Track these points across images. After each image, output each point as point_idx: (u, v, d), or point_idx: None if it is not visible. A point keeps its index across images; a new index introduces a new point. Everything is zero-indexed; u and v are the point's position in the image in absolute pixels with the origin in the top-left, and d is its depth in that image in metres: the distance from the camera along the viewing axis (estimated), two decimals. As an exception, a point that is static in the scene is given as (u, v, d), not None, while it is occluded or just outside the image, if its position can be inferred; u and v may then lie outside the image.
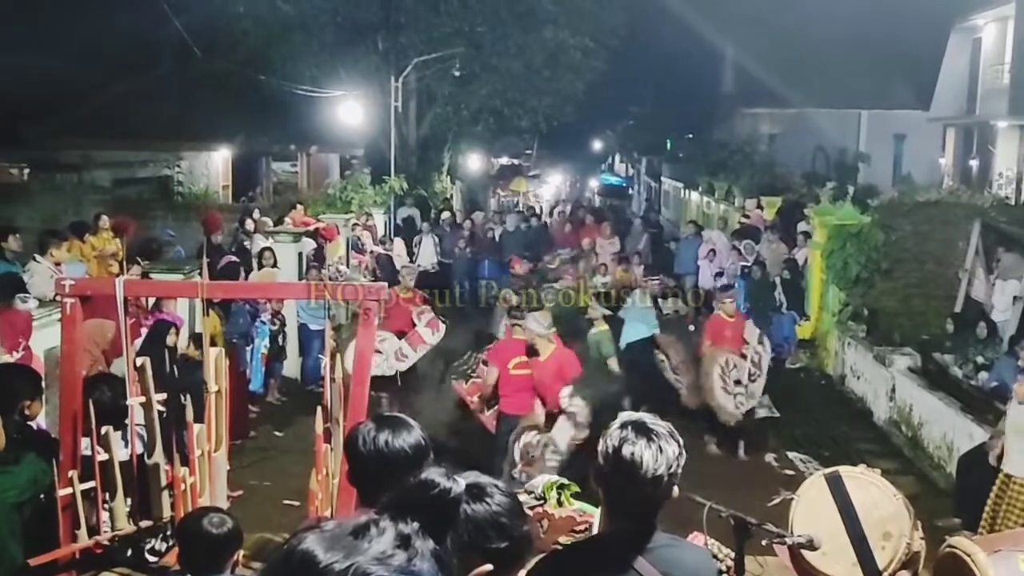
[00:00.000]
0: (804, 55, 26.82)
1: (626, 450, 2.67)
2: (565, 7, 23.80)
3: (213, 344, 7.55)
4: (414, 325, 10.94)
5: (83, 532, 4.30)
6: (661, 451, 2.67)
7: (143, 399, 4.34)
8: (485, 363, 9.08)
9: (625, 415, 2.95)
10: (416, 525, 1.70)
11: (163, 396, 4.49)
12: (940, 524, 8.36)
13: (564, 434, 7.83)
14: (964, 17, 26.10)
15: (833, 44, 26.92)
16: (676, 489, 2.81)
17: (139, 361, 4.36)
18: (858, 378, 12.99)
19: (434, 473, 1.90)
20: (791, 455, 10.57)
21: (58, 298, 4.25)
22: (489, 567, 1.87)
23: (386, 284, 4.61)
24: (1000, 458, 7.83)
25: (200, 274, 11.03)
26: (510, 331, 9.10)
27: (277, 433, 10.87)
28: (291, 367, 12.72)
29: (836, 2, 26.65)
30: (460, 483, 1.89)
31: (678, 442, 2.75)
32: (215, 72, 20.54)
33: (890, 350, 12.05)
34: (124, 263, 8.93)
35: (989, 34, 25.58)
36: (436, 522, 1.79)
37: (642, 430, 2.71)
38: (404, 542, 1.65)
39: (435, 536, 1.75)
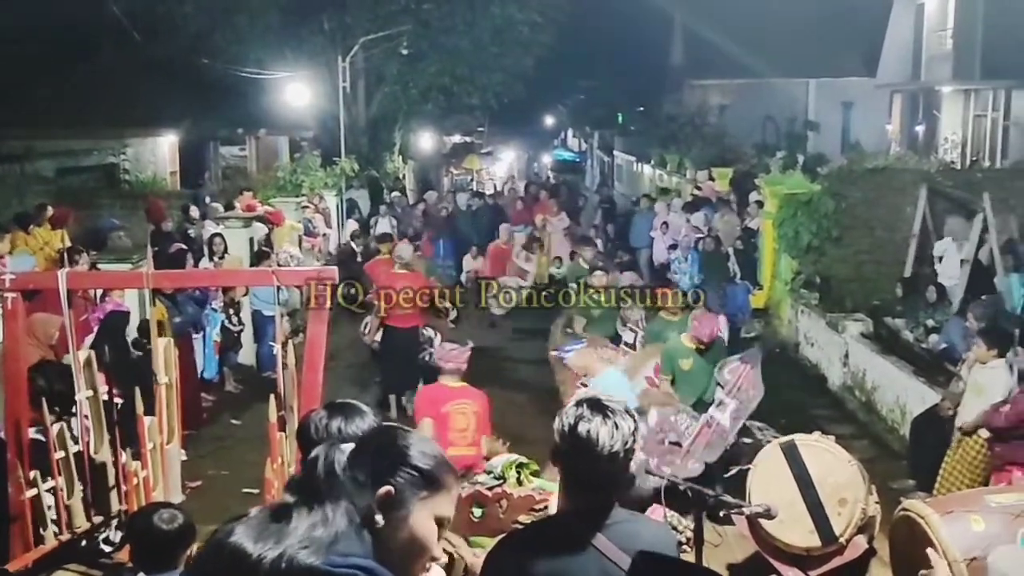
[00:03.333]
0: (752, 25, 26.92)
1: (582, 427, 2.68)
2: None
3: (161, 334, 7.46)
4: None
5: (48, 532, 4.22)
6: (617, 427, 2.69)
7: (91, 393, 4.25)
8: None
9: (581, 392, 2.94)
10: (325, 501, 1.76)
11: (105, 388, 4.38)
12: (895, 486, 8.50)
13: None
14: (907, -17, 26.35)
15: (780, 14, 27.09)
16: (633, 465, 2.81)
17: (83, 355, 4.26)
18: (812, 345, 13.14)
19: (317, 451, 1.91)
20: (748, 423, 10.65)
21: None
22: (389, 488, 1.84)
23: (336, 268, 4.52)
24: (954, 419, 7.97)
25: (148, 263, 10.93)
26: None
27: (234, 421, 10.75)
28: (248, 354, 12.58)
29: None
30: (342, 451, 1.90)
31: (634, 418, 2.76)
32: (158, 57, 20.15)
33: (842, 316, 12.21)
34: (68, 254, 8.74)
35: (932, 0, 25.85)
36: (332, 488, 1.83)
37: (597, 407, 2.72)
38: (323, 517, 1.72)
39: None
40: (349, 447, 1.91)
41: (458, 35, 23.73)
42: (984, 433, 7.56)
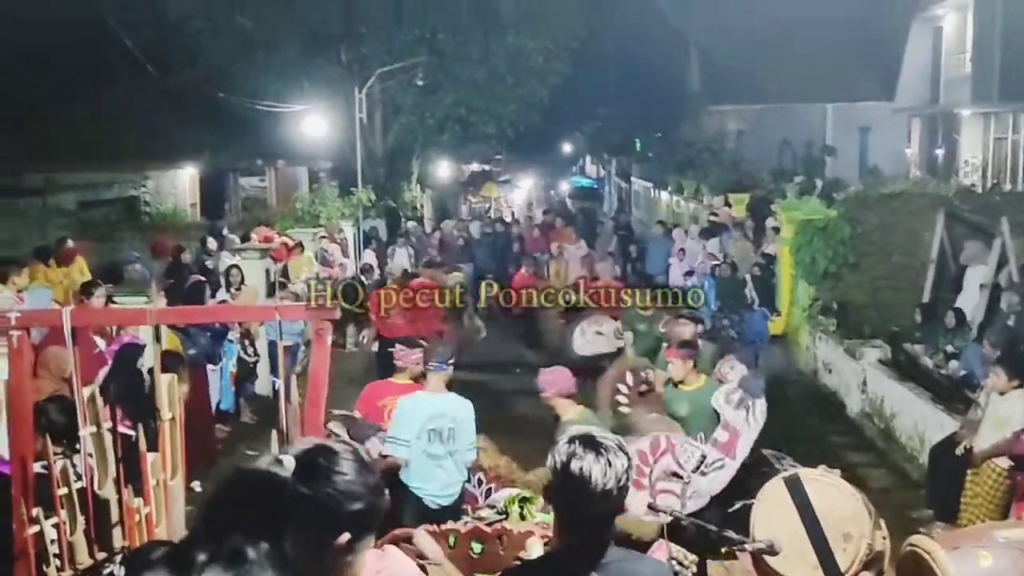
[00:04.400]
0: (769, 51, 26.96)
1: (574, 465, 2.66)
2: (525, 12, 23.81)
3: (175, 365, 7.48)
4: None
5: (51, 569, 4.23)
6: (610, 465, 2.66)
7: (94, 429, 4.26)
8: None
9: (573, 428, 2.92)
10: (239, 539, 1.59)
11: (110, 424, 4.39)
12: (914, 516, 8.40)
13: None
14: (924, 7, 26.31)
15: (797, 39, 27.09)
16: (628, 502, 2.78)
17: (88, 391, 4.28)
18: (830, 372, 13.03)
19: (258, 462, 1.85)
20: (765, 451, 10.56)
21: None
22: (347, 536, 1.81)
23: (338, 305, 4.53)
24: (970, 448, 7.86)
25: (165, 297, 11.01)
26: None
27: (249, 452, 10.74)
28: (264, 384, 12.63)
29: (798, -1, 26.81)
30: (287, 462, 1.84)
31: (627, 455, 2.73)
32: (177, 90, 20.42)
33: (860, 343, 12.11)
34: (83, 288, 8.83)
35: (950, 23, 25.81)
36: (267, 514, 1.72)
37: (590, 444, 2.70)
38: (234, 561, 1.55)
39: (271, 529, 1.67)
40: (291, 463, 1.83)
41: (473, 65, 23.88)
42: (1004, 463, 7.46)
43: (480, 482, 6.56)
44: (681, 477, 5.76)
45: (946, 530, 6.85)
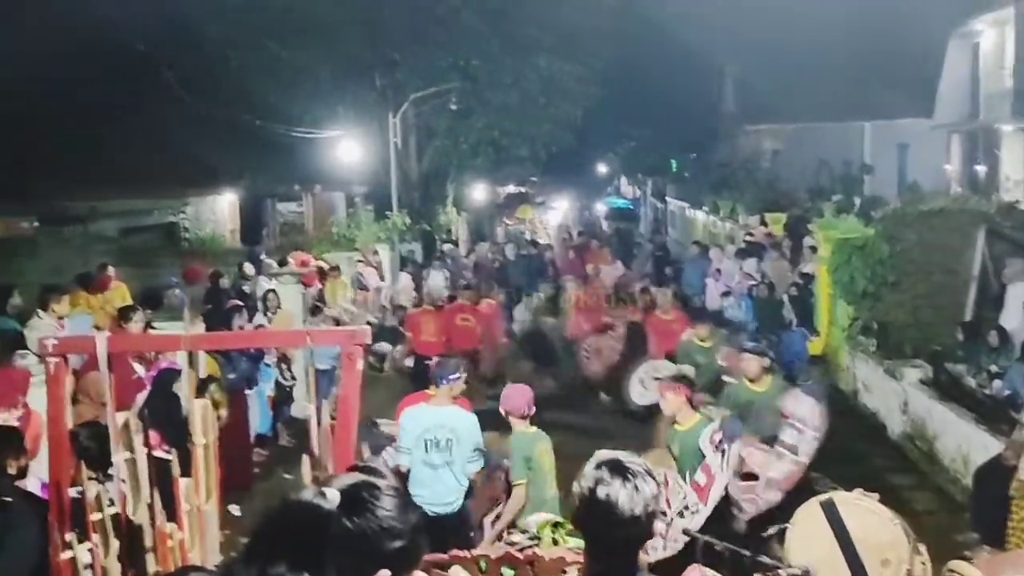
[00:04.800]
0: (804, 69, 26.82)
1: (601, 491, 2.62)
2: (558, 35, 23.92)
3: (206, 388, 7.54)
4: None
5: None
6: (637, 490, 2.62)
7: (128, 455, 4.30)
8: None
9: (600, 453, 2.90)
10: (283, 568, 1.64)
11: (145, 450, 4.43)
12: (959, 539, 8.22)
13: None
14: (962, 22, 26.04)
15: (832, 57, 26.90)
16: (657, 527, 2.75)
17: (121, 417, 4.33)
18: (870, 392, 12.84)
19: (301, 494, 1.84)
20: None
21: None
22: (386, 573, 1.80)
23: (369, 328, 4.54)
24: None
25: (204, 322, 11.11)
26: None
27: (287, 476, 10.79)
28: (302, 408, 12.67)
29: (834, 15, 26.63)
30: (331, 496, 1.83)
31: (656, 480, 2.69)
32: (215, 118, 20.73)
33: (901, 363, 11.92)
34: (121, 313, 8.94)
35: (988, 38, 25.51)
36: (311, 545, 1.74)
37: (617, 469, 2.66)
38: None
39: (313, 561, 1.71)
40: (335, 497, 1.82)
41: (506, 89, 24.02)
42: (1049, 484, 7.28)
43: None
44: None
45: (992, 555, 6.70)
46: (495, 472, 6.70)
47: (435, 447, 6.36)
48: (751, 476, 6.37)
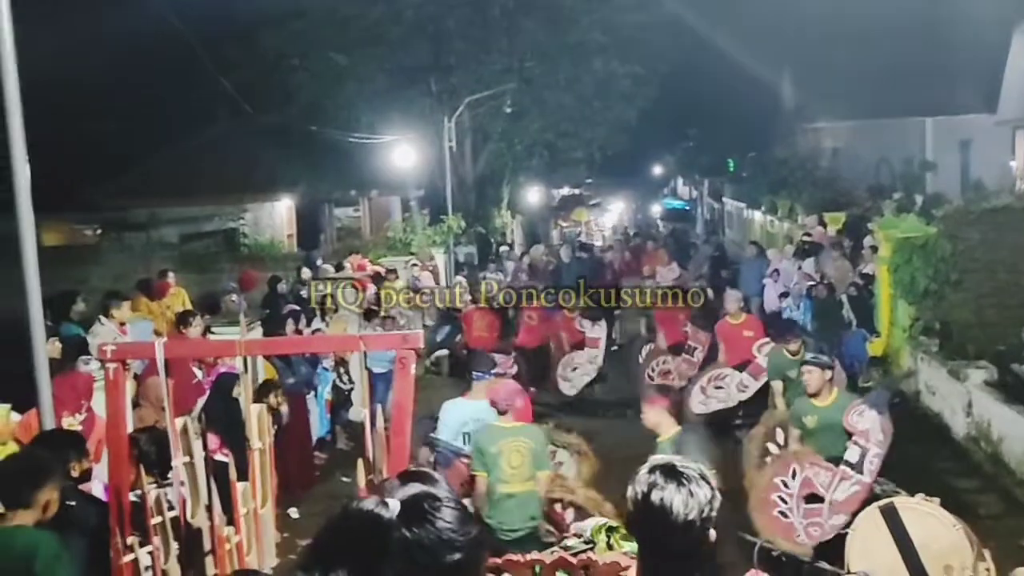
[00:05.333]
0: (863, 65, 26.30)
1: (655, 496, 2.60)
2: (613, 37, 23.83)
3: (268, 393, 7.65)
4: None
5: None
6: (692, 495, 2.59)
7: (187, 459, 4.37)
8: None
9: (654, 458, 2.87)
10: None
11: (202, 453, 4.50)
12: (1026, 544, 8.02)
13: None
14: (1026, 16, 25.39)
15: (892, 51, 26.36)
16: (713, 533, 2.71)
17: (180, 422, 4.40)
18: (933, 394, 12.57)
19: (362, 502, 1.82)
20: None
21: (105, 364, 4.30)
22: None
23: (421, 333, 4.56)
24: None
25: (262, 327, 11.27)
26: None
27: (344, 479, 10.87)
28: (359, 412, 12.78)
29: (893, 8, 26.14)
30: (392, 505, 1.81)
31: (710, 484, 2.66)
32: (273, 125, 21.01)
33: (964, 364, 11.65)
34: (180, 318, 9.11)
35: (1053, 31, 24.84)
36: (369, 555, 1.73)
37: (671, 474, 2.63)
38: None
39: (370, 571, 1.70)
40: (396, 507, 1.81)
41: (560, 91, 24.00)
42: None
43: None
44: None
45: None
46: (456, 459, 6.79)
47: (469, 440, 6.61)
48: (815, 498, 6.16)
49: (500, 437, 6.38)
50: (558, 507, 6.75)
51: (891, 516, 3.79)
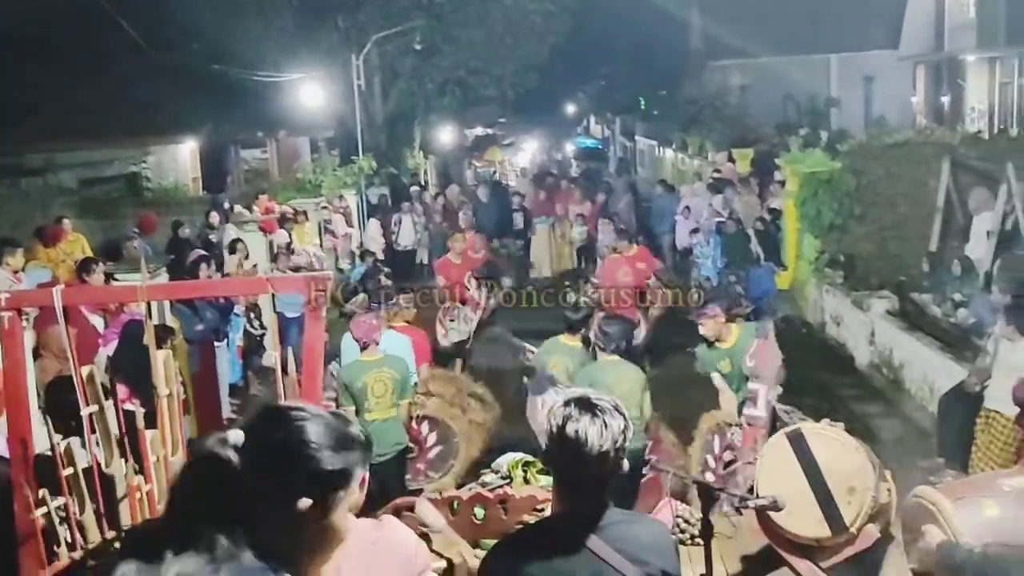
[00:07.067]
0: (770, 3, 26.59)
1: (570, 427, 2.62)
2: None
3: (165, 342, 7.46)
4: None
5: (62, 550, 4.22)
6: (606, 426, 2.62)
7: (96, 408, 4.24)
8: None
9: (571, 391, 2.88)
10: (205, 523, 1.68)
11: (109, 403, 4.38)
12: (925, 465, 8.36)
13: None
14: (927, -47, 25.90)
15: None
16: (625, 463, 2.74)
17: (86, 370, 4.26)
18: (838, 324, 12.98)
19: (204, 442, 1.85)
20: (775, 406, 10.54)
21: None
22: (308, 502, 1.78)
23: (331, 274, 4.48)
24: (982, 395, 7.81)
25: (168, 273, 10.99)
26: None
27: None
28: (272, 357, 12.61)
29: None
30: (232, 437, 1.82)
31: (624, 416, 2.69)
32: (174, 65, 20.27)
33: (868, 294, 12.04)
34: (81, 265, 8.82)
35: (952, -32, 25.40)
36: (221, 493, 1.76)
37: (586, 406, 2.66)
38: (201, 546, 1.65)
39: (227, 508, 1.73)
40: (238, 437, 1.81)
41: (471, 27, 23.67)
42: (1012, 410, 7.37)
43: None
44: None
45: (957, 479, 6.81)
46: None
47: None
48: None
49: (364, 371, 6.69)
50: (412, 423, 7.25)
51: (797, 442, 3.90)
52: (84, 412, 4.26)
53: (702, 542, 3.70)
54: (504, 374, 9.57)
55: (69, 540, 4.27)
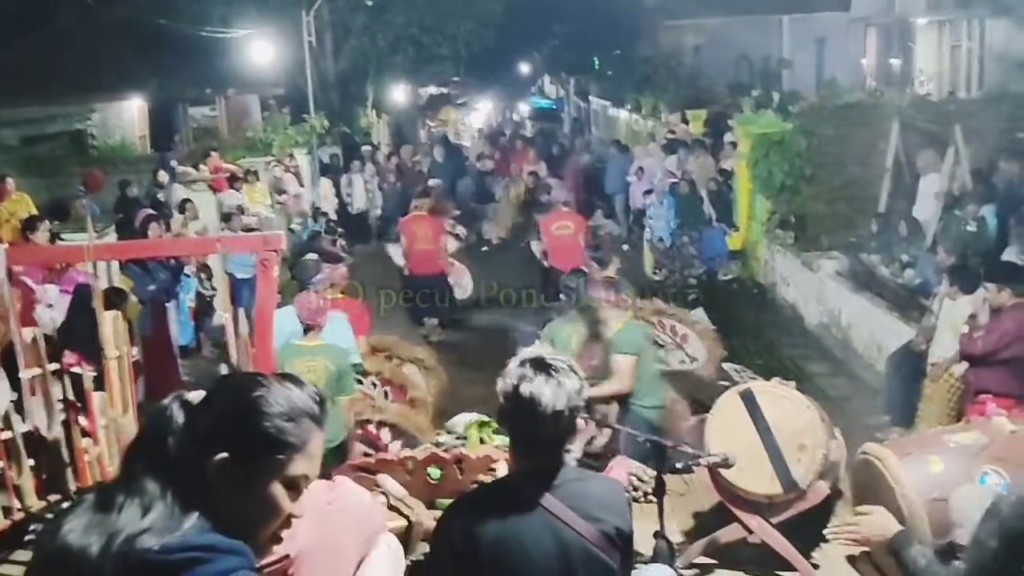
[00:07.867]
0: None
1: (524, 388, 2.61)
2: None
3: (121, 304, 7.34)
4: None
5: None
6: (560, 386, 2.62)
7: (38, 371, 4.16)
8: None
9: (524, 351, 2.88)
10: (151, 478, 1.72)
11: (54, 366, 4.30)
12: (872, 422, 8.54)
13: None
14: (879, -87, 25.92)
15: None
16: (581, 423, 2.75)
17: (29, 333, 4.17)
18: (788, 285, 13.14)
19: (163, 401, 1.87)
20: (725, 366, 10.65)
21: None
22: (223, 454, 1.77)
23: (283, 234, 4.42)
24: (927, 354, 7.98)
25: (117, 233, 10.78)
26: None
27: (209, 388, 10.67)
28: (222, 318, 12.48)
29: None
30: (191, 397, 1.87)
31: (579, 376, 2.69)
32: (119, 20, 19.74)
33: (817, 255, 12.19)
34: (26, 224, 8.61)
35: (903, -71, 25.47)
36: (164, 450, 1.79)
37: (540, 366, 2.65)
38: (148, 498, 1.69)
39: (170, 463, 1.76)
40: (196, 397, 1.86)
41: (425, -17, 23.33)
42: (957, 369, 7.55)
43: None
44: None
45: (903, 436, 6.97)
46: None
47: None
48: None
49: (295, 356, 5.89)
50: (372, 428, 6.70)
51: (748, 400, 3.94)
52: (24, 375, 4.19)
53: (655, 499, 3.74)
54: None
55: (6, 504, 4.22)
